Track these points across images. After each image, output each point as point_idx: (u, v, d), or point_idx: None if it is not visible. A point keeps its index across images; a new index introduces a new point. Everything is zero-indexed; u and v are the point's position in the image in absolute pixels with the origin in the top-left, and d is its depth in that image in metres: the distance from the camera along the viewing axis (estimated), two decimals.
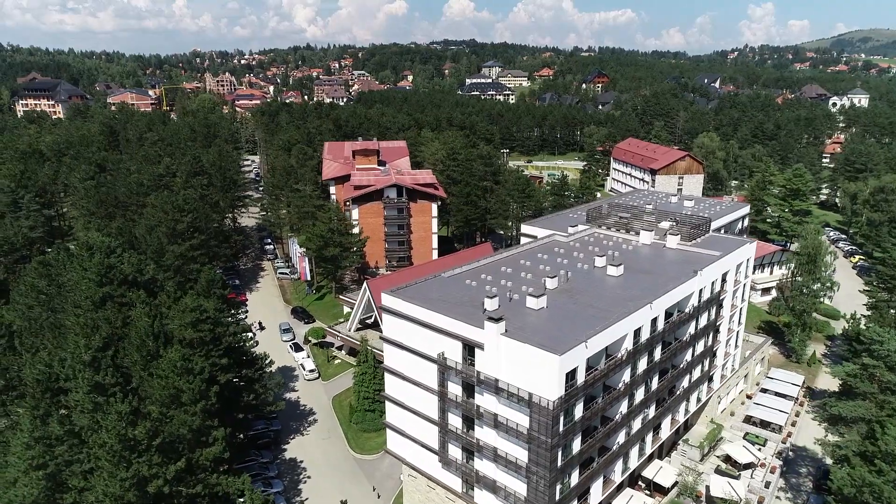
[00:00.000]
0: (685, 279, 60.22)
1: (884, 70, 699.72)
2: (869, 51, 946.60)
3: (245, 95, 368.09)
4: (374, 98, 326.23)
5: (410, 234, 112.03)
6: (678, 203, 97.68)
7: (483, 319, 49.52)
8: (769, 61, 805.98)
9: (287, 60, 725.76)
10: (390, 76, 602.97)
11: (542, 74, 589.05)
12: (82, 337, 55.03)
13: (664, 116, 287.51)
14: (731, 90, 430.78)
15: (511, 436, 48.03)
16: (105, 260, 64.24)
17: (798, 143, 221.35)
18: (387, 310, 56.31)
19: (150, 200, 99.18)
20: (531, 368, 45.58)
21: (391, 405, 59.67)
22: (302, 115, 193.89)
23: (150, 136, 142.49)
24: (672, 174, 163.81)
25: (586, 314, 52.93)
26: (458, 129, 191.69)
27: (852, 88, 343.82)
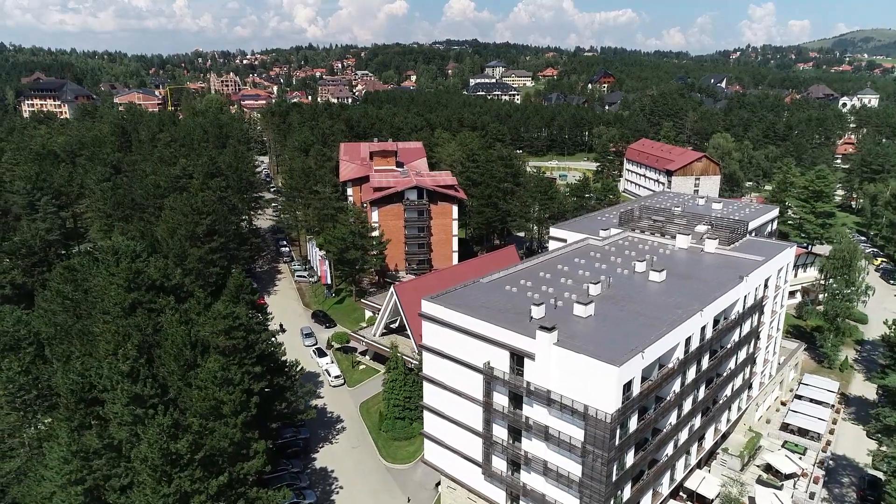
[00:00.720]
0: (731, 285, 58.63)
1: (888, 70, 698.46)
2: (871, 51, 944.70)
3: (250, 95, 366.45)
4: (381, 98, 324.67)
5: (431, 236, 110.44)
6: (706, 205, 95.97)
7: (532, 328, 48.09)
8: (772, 61, 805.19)
9: (290, 60, 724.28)
10: (394, 76, 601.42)
11: (546, 74, 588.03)
12: (113, 345, 53.45)
13: (673, 117, 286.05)
14: (738, 90, 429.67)
15: (563, 449, 46.42)
16: (133, 265, 62.62)
17: (810, 143, 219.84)
18: (427, 317, 54.68)
19: (168, 202, 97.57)
20: (587, 380, 43.97)
21: (430, 415, 58.07)
22: (312, 115, 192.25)
23: (163, 137, 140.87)
24: (688, 175, 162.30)
25: (635, 322, 51.33)
26: (471, 130, 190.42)
27: (861, 89, 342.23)
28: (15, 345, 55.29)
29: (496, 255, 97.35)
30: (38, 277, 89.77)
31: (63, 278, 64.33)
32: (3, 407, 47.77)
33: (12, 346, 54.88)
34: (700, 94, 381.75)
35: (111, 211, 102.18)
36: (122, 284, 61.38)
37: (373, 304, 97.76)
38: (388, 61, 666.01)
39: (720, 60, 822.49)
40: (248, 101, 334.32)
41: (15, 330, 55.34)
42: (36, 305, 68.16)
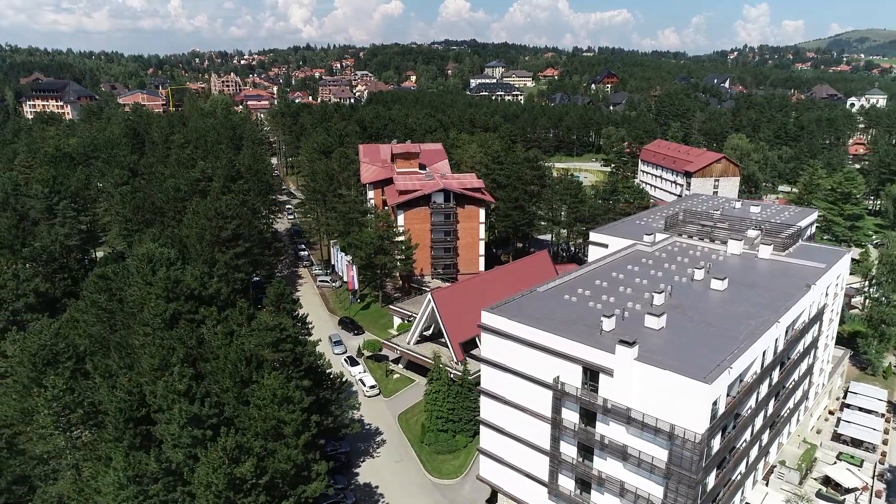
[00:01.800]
0: (799, 293, 56.44)
1: (886, 70, 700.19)
2: (867, 51, 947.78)
3: (253, 96, 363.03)
4: (386, 98, 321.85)
5: (457, 240, 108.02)
6: (743, 209, 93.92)
7: (605, 341, 46.03)
8: (770, 61, 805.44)
9: (288, 61, 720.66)
10: (394, 76, 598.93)
11: (546, 75, 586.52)
12: (158, 359, 50.82)
13: (680, 117, 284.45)
14: (741, 90, 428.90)
15: (643, 469, 44.06)
16: (170, 273, 59.98)
17: (822, 144, 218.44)
18: (488, 329, 52.26)
19: (190, 207, 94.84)
20: (673, 398, 41.61)
21: (487, 430, 55.62)
22: (323, 116, 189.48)
23: (177, 139, 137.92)
24: (708, 177, 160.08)
25: (708, 334, 49.05)
26: (483, 131, 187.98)
27: (870, 89, 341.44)
28: (53, 359, 52.50)
29: (528, 261, 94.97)
30: (60, 285, 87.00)
31: (97, 287, 61.55)
32: (46, 427, 45.07)
33: (50, 360, 52.08)
34: (704, 94, 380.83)
35: (130, 215, 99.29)
36: (161, 294, 58.81)
37: (402, 310, 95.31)
38: (387, 61, 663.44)
39: (718, 60, 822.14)
40: (252, 102, 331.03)
41: (53, 343, 52.57)
42: (68, 316, 65.23)
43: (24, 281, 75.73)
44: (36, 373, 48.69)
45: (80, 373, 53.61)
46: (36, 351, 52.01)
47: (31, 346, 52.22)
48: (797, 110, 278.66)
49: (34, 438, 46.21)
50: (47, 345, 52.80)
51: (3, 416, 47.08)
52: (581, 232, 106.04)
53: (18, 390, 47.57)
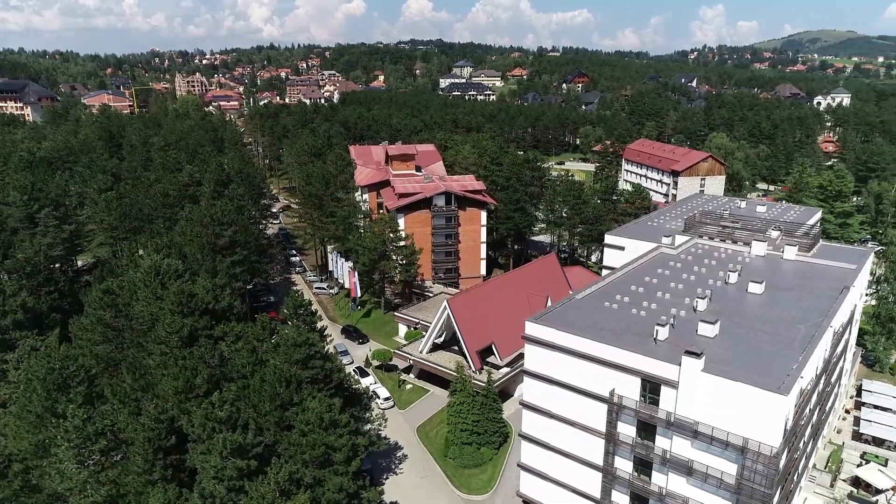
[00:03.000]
0: (838, 296, 55.68)
1: (840, 70, 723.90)
2: (819, 51, 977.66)
3: (221, 96, 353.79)
4: (360, 98, 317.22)
5: (459, 244, 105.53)
6: (749, 208, 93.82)
7: (666, 352, 44.26)
8: (729, 61, 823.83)
9: (253, 60, 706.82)
10: (362, 76, 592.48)
11: (515, 74, 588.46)
12: (182, 381, 47.10)
13: (654, 116, 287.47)
14: (708, 90, 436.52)
15: (710, 485, 42.31)
16: (185, 286, 56.10)
17: (794, 142, 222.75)
18: (533, 340, 49.97)
19: (183, 213, 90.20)
20: (745, 410, 39.92)
21: (529, 445, 53.35)
22: (303, 117, 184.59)
23: (157, 142, 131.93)
24: (695, 175, 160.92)
25: (763, 340, 47.68)
26: (466, 131, 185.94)
27: (834, 88, 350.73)
28: (63, 384, 48.17)
29: (537, 265, 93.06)
30: (46, 299, 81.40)
31: (102, 303, 57.11)
32: (67, 460, 40.96)
33: (60, 385, 47.77)
34: (674, 93, 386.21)
35: (117, 223, 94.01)
36: (175, 309, 54.92)
37: (408, 317, 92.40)
38: (354, 61, 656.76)
39: (680, 60, 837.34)
40: (220, 102, 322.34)
41: (63, 367, 48.24)
42: (70, 334, 60.46)
43: (10, 296, 70.38)
44: (50, 401, 44.43)
45: (94, 397, 49.39)
46: (44, 375, 47.69)
47: (38, 371, 47.86)
48: (766, 109, 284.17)
49: (51, 474, 42.04)
50: (56, 368, 48.47)
51: (17, 449, 42.69)
52: (585, 234, 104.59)
53: (31, 421, 43.26)
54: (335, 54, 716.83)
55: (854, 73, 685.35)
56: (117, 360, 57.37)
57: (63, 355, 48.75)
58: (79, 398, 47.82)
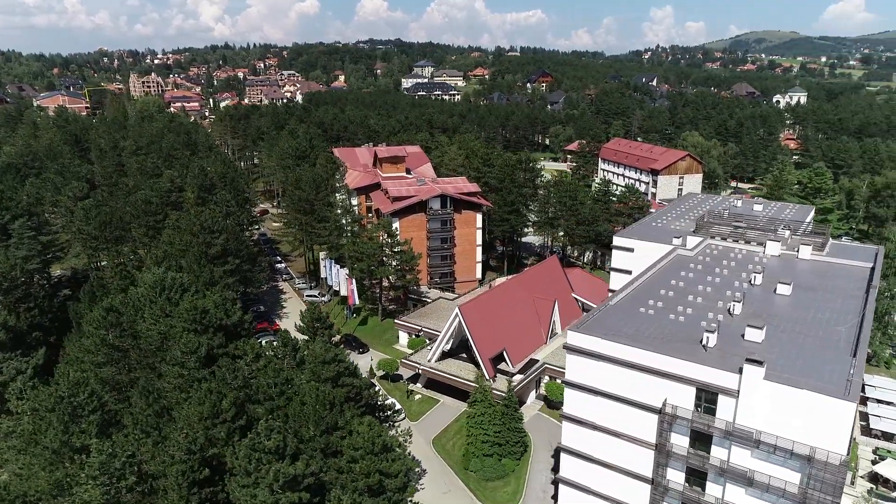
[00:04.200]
0: (867, 295, 55.75)
1: (787, 69, 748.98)
2: (765, 51, 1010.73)
3: (180, 97, 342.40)
4: (325, 99, 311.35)
5: (454, 247, 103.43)
6: (746, 206, 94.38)
7: (717, 359, 43.16)
8: (682, 61, 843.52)
9: (208, 60, 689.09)
10: (322, 76, 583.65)
11: (477, 74, 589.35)
12: (208, 406, 43.70)
13: (620, 115, 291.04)
14: (668, 89, 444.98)
15: (771, 494, 41.31)
16: (197, 302, 52.52)
17: (759, 139, 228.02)
18: (576, 349, 48.22)
19: (170, 221, 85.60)
20: (810, 417, 39.01)
21: (569, 457, 51.62)
22: (274, 118, 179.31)
23: (129, 146, 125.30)
24: (673, 174, 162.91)
25: (807, 344, 47.05)
26: (442, 132, 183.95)
27: (791, 87, 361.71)
28: (73, 413, 44.08)
29: (540, 268, 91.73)
30: (25, 316, 75.91)
31: (106, 323, 52.87)
32: (95, 501, 37.14)
33: (72, 414, 43.70)
34: (636, 92, 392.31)
35: (97, 232, 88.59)
36: (189, 327, 51.31)
37: (409, 324, 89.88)
38: (313, 61, 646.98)
39: (636, 60, 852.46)
40: (182, 103, 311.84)
41: (72, 394, 44.14)
42: (74, 357, 55.80)
43: None
44: (67, 434, 40.43)
45: (108, 426, 45.41)
46: (53, 406, 43.60)
47: (46, 401, 43.72)
48: (729, 108, 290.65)
49: None
50: (64, 396, 44.39)
51: (33, 489, 38.51)
52: (582, 234, 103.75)
53: (47, 457, 39.22)
54: (293, 54, 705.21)
55: (801, 72, 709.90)
56: (123, 383, 53.32)
57: (74, 382, 44.65)
58: (93, 428, 43.89)
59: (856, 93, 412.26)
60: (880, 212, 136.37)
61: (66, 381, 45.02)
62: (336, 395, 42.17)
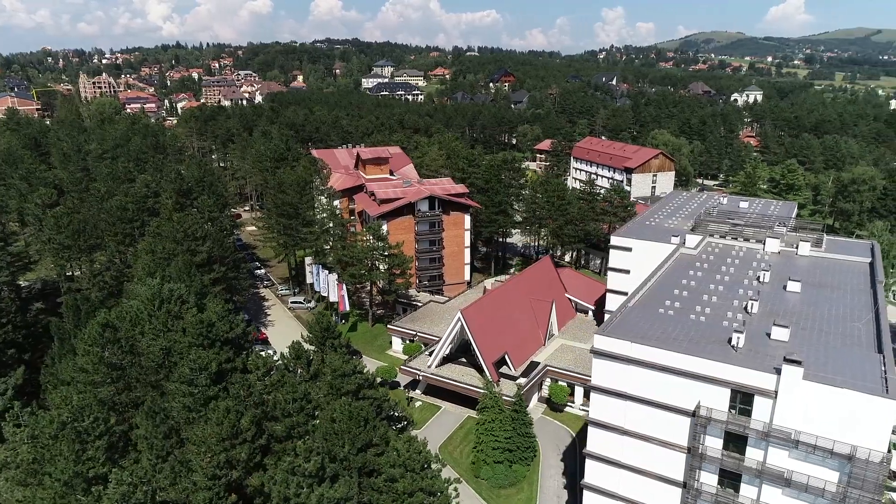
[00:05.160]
0: (874, 290, 56.61)
1: (737, 69, 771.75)
2: (714, 51, 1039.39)
3: (134, 98, 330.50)
4: (288, 99, 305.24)
5: (443, 249, 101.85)
6: (732, 204, 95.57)
7: (747, 359, 42.91)
8: (636, 60, 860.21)
9: (160, 60, 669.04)
10: (280, 76, 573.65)
11: (437, 74, 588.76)
12: (227, 426, 41.16)
13: (585, 114, 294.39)
14: (626, 87, 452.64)
15: (809, 494, 41.14)
16: (204, 316, 49.73)
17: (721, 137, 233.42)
18: (604, 354, 47.34)
19: (151, 228, 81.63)
20: (851, 417, 38.95)
21: (595, 463, 50.69)
22: (241, 118, 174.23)
23: (95, 149, 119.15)
24: (647, 172, 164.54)
25: (832, 342, 47.23)
26: (414, 132, 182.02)
27: (748, 86, 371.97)
28: (78, 438, 40.83)
29: (535, 269, 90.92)
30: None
31: (104, 340, 49.37)
32: None
33: (76, 438, 40.45)
34: (597, 91, 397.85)
35: (70, 242, 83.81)
36: (196, 342, 48.50)
37: (402, 329, 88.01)
38: (270, 61, 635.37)
39: (592, 60, 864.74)
40: (136, 105, 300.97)
41: (76, 419, 40.85)
42: (71, 379, 51.85)
43: None
44: (79, 464, 37.24)
45: (115, 451, 42.28)
46: (56, 432, 40.35)
47: (48, 428, 40.41)
48: (690, 106, 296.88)
49: None
50: (68, 422, 41.15)
51: None
52: (571, 234, 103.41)
53: (58, 490, 35.97)
54: (249, 54, 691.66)
55: (749, 71, 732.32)
56: (123, 403, 50.04)
57: (78, 406, 41.39)
58: (100, 454, 40.80)
59: (805, 91, 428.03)
60: (847, 206, 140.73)
61: (67, 405, 41.72)
62: (367, 409, 40.13)
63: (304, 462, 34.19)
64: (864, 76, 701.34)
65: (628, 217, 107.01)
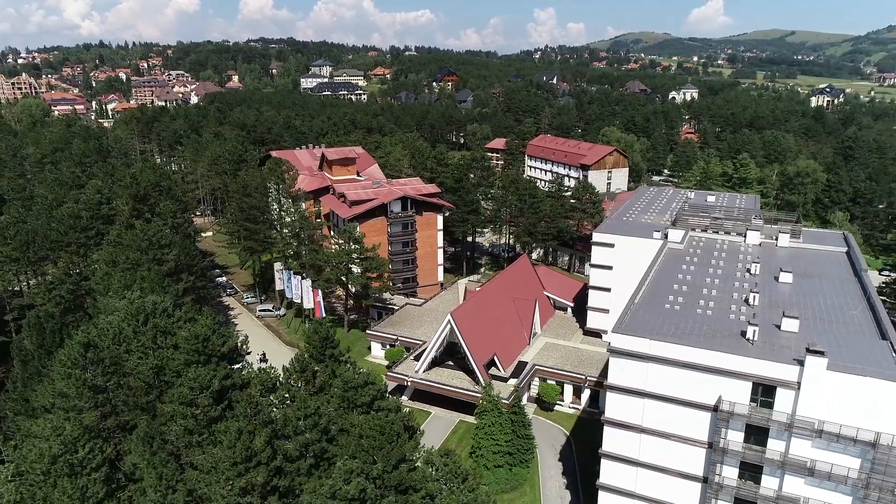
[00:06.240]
0: (855, 278, 58.56)
1: (667, 68, 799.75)
2: (642, 51, 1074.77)
3: (60, 100, 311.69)
4: (229, 99, 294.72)
5: (416, 250, 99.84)
6: (699, 198, 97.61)
7: (767, 352, 43.23)
8: (570, 60, 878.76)
9: (83, 60, 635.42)
10: (213, 76, 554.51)
11: (377, 73, 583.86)
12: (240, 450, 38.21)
13: (530, 113, 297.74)
14: (566, 86, 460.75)
15: (832, 482, 41.71)
16: (198, 330, 46.33)
17: (663, 134, 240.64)
18: (622, 352, 46.71)
19: (111, 237, 76.23)
20: (872, 404, 39.64)
21: (611, 463, 50.11)
22: (187, 119, 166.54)
23: (33, 154, 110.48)
24: (602, 169, 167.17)
25: (836, 331, 48.25)
26: (367, 131, 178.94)
27: (683, 84, 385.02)
28: (72, 472, 36.87)
29: (515, 268, 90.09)
30: None
31: (86, 361, 44.97)
32: None
33: (71, 472, 36.51)
34: (539, 90, 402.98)
35: (17, 254, 77.29)
36: (192, 359, 45.12)
37: (382, 333, 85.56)
38: (203, 60, 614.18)
39: (528, 60, 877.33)
40: (62, 107, 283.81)
41: (68, 451, 36.84)
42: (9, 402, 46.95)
43: None
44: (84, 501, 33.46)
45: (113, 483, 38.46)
46: (48, 467, 36.37)
47: (38, 463, 36.33)
48: (632, 105, 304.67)
49: None
50: (60, 455, 37.19)
51: None
52: (544, 231, 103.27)
53: None
54: (179, 53, 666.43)
55: (679, 70, 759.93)
56: (109, 429, 45.92)
57: (74, 435, 37.40)
58: (99, 489, 37.07)
59: (733, 89, 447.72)
60: (793, 198, 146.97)
61: (58, 435, 37.64)
62: (397, 423, 37.92)
63: (344, 484, 31.79)
64: (782, 75, 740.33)
65: (597, 213, 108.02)
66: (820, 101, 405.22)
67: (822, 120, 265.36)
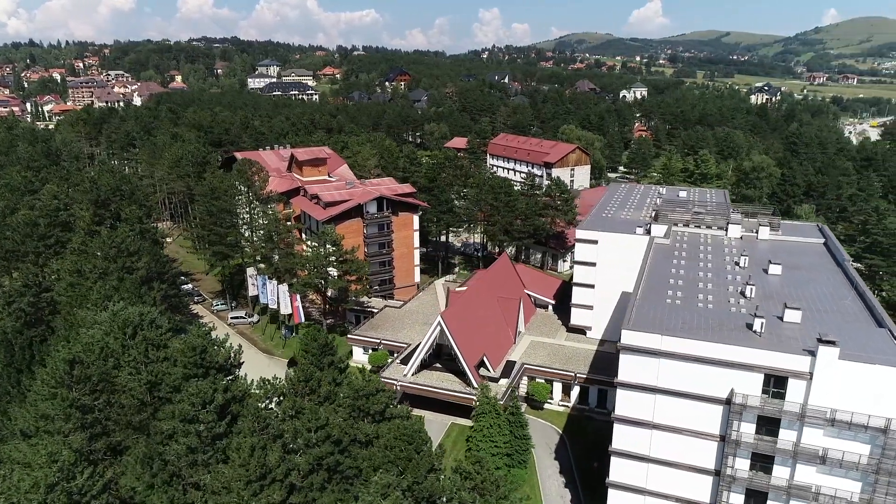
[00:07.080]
0: (839, 269, 60.27)
1: (611, 68, 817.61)
2: (586, 51, 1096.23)
3: None
4: (177, 100, 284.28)
5: (393, 252, 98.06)
6: (671, 194, 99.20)
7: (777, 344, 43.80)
8: (518, 60, 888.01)
9: (11, 59, 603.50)
10: (155, 76, 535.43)
11: (327, 73, 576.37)
12: (253, 468, 36.13)
13: (486, 112, 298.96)
14: (518, 86, 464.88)
15: (843, 470, 42.47)
16: (195, 342, 43.75)
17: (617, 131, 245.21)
18: (633, 349, 46.46)
19: (74, 245, 71.83)
20: (884, 391, 40.54)
21: (620, 460, 49.83)
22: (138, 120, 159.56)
23: None
24: (566, 166, 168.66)
25: (832, 320, 49.34)
26: (327, 131, 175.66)
27: (634, 83, 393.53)
28: (70, 502, 33.93)
29: (497, 267, 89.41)
30: None
31: (73, 379, 41.64)
32: None
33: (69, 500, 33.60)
34: (492, 90, 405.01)
35: None
36: (191, 373, 42.56)
37: (364, 337, 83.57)
38: (143, 60, 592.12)
39: (477, 60, 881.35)
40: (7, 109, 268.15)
41: (67, 477, 33.88)
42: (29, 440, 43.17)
43: None
44: None
45: None
46: (43, 498, 33.40)
47: (32, 494, 33.31)
48: (585, 103, 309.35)
49: None
50: (57, 483, 34.22)
51: None
52: (521, 230, 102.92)
53: None
54: (117, 52, 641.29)
55: (623, 70, 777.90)
56: (99, 451, 42.79)
57: (70, 461, 34.44)
58: None
59: (678, 88, 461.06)
60: (749, 193, 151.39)
61: (55, 462, 34.60)
62: (423, 431, 36.43)
63: (382, 499, 30.15)
64: (720, 74, 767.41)
65: (570, 211, 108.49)
66: (760, 98, 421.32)
67: (765, 117, 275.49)
